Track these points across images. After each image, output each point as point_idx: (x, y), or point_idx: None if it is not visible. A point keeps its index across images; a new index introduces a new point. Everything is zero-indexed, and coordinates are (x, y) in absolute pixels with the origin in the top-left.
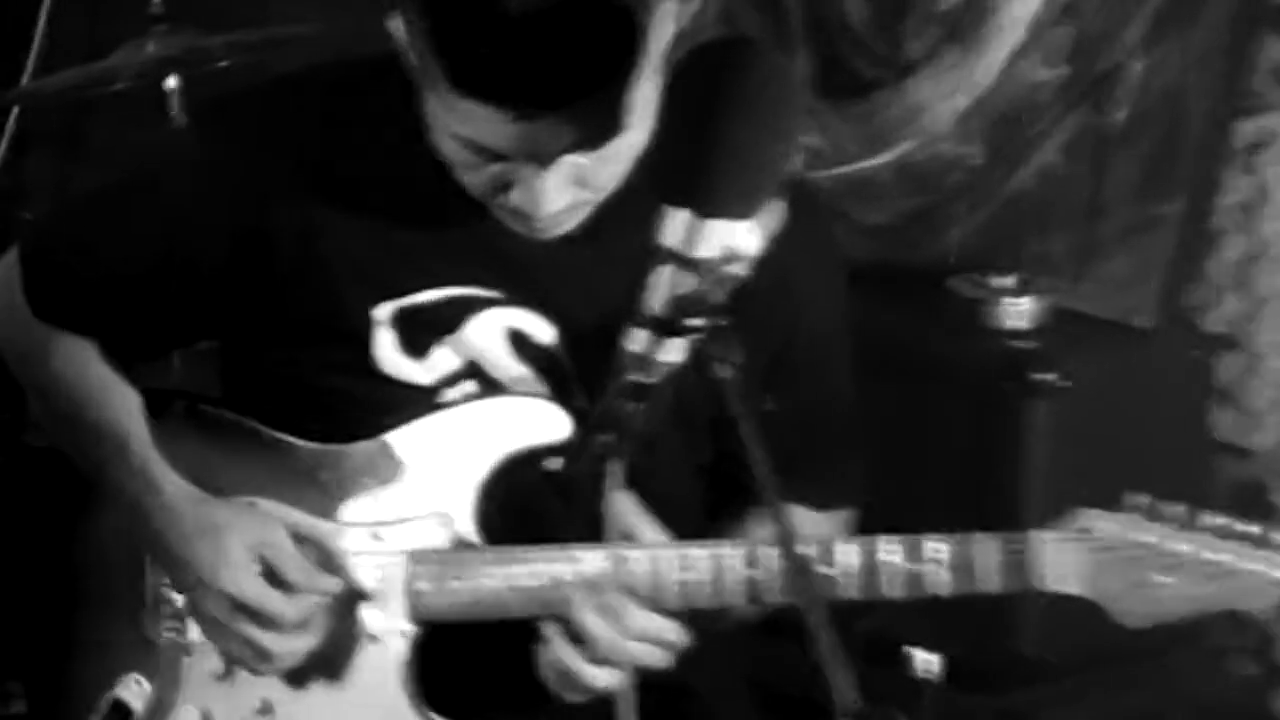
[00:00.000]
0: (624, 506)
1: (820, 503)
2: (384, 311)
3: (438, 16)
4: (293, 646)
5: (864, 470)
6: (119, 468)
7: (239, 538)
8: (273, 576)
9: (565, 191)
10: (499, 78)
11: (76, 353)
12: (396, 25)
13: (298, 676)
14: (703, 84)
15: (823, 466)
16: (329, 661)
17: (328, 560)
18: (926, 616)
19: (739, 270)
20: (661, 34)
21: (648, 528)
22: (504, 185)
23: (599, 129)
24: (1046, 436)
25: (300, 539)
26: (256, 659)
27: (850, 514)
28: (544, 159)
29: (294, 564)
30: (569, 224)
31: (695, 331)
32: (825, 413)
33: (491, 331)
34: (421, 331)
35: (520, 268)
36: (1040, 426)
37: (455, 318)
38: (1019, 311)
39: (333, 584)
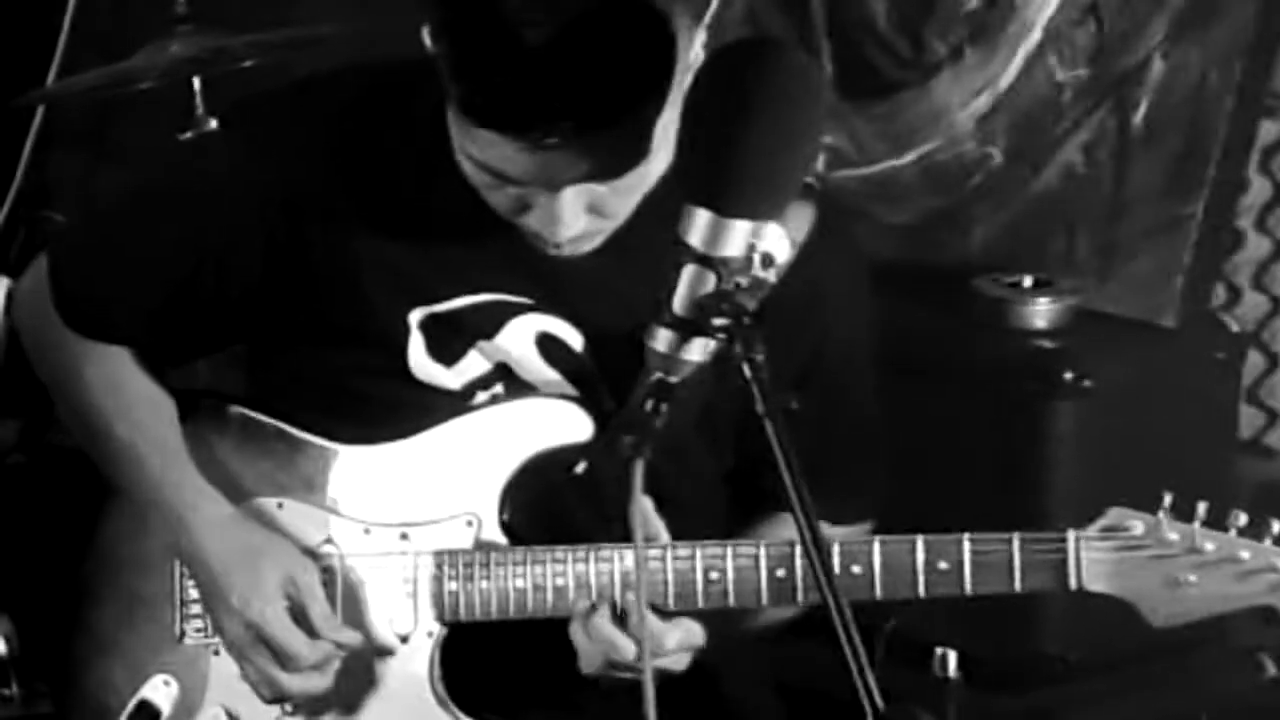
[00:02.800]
0: (644, 509)
1: (836, 517)
2: (416, 316)
3: (455, 42)
4: (304, 686)
5: (882, 486)
6: (156, 480)
7: (273, 569)
8: (297, 614)
9: (580, 218)
10: (513, 108)
11: (110, 361)
12: (427, 37)
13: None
14: (727, 84)
15: (840, 481)
16: (341, 697)
17: (354, 611)
18: (950, 615)
19: (769, 277)
20: (685, 64)
21: (663, 530)
22: (523, 207)
23: (617, 159)
24: (1071, 436)
25: (330, 584)
26: (267, 690)
27: (866, 528)
28: (559, 186)
29: (320, 610)
30: (587, 247)
31: (720, 331)
32: (845, 428)
33: (524, 337)
34: (453, 337)
35: (550, 276)
36: (1064, 426)
37: (487, 323)
38: (1043, 311)
39: (353, 639)
